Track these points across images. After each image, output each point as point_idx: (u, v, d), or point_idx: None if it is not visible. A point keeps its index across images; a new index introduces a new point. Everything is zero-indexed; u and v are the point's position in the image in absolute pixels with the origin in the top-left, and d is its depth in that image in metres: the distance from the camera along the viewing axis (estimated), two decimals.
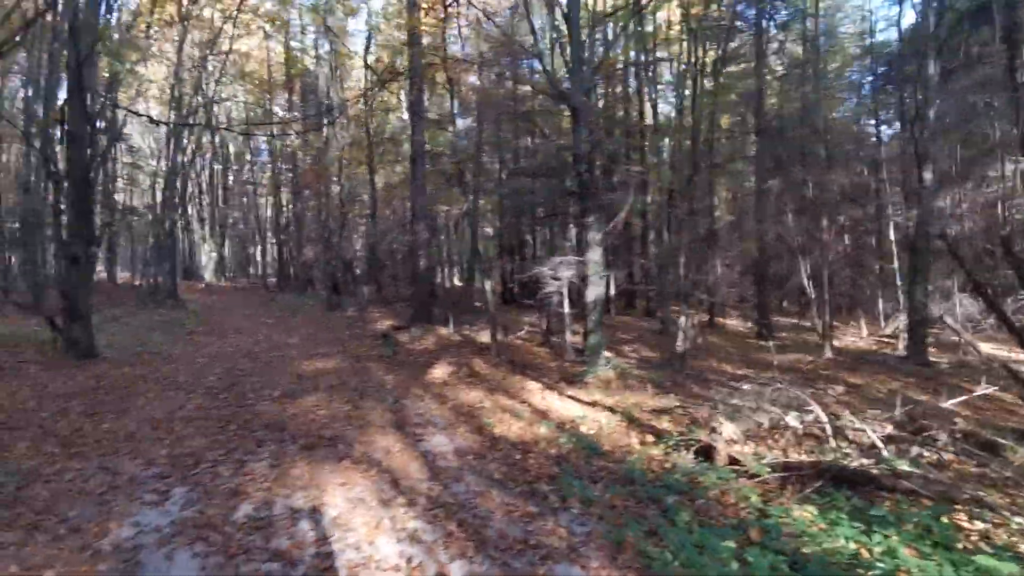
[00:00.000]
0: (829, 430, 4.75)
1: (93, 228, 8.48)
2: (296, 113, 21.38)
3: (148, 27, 16.61)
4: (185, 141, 15.54)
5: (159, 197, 14.69)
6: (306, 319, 14.80)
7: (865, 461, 4.10)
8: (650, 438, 5.59)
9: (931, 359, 11.92)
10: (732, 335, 16.83)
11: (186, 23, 15.42)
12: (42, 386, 6.96)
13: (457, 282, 22.06)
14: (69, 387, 6.96)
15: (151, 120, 6.84)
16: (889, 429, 5.73)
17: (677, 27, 16.25)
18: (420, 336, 10.48)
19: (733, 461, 4.64)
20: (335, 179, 17.71)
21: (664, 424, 6.21)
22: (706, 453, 4.82)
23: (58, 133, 7.87)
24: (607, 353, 9.55)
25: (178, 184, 15.74)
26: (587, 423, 6.10)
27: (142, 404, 6.31)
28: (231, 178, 29.09)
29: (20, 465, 4.25)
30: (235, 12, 15.97)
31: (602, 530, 3.37)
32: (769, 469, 4.13)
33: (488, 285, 10.16)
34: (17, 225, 12.13)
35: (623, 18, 13.48)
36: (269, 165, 25.54)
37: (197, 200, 27.97)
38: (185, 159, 15.50)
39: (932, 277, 12.47)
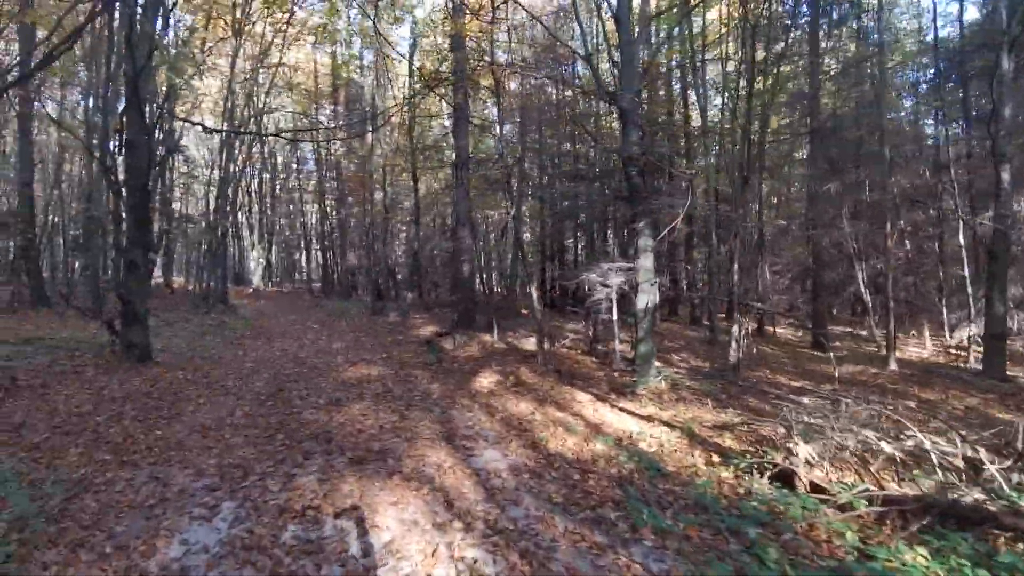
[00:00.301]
0: (935, 458, 4.22)
1: (151, 235, 8.65)
2: (341, 121, 21.75)
3: (203, 42, 17.19)
4: (236, 151, 15.94)
5: (212, 205, 15.08)
6: (350, 324, 14.88)
7: (979, 496, 3.59)
8: (716, 458, 5.17)
9: (1009, 373, 10.94)
10: (784, 344, 16.01)
11: (239, 38, 15.85)
12: (98, 390, 7.07)
13: (498, 288, 21.92)
14: (124, 391, 7.05)
15: (205, 128, 6.92)
16: (982, 453, 5.14)
17: (727, 26, 15.70)
18: (464, 343, 10.28)
19: (816, 489, 4.19)
20: (378, 186, 17.88)
21: (728, 442, 5.77)
22: (784, 478, 4.38)
23: (118, 143, 8.03)
24: (657, 363, 9.12)
25: (229, 192, 16.14)
26: (646, 439, 5.72)
27: (192, 410, 6.30)
28: (279, 187, 29.89)
29: (71, 474, 4.22)
30: (285, 26, 16.36)
31: (683, 569, 3.02)
32: (865, 502, 3.67)
33: (534, 292, 9.90)
34: (80, 232, 12.63)
35: (670, 20, 13.09)
36: (315, 174, 26.09)
37: (247, 208, 28.82)
38: (236, 168, 15.88)
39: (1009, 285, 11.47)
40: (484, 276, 19.53)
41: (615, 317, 9.52)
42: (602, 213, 8.52)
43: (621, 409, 7.17)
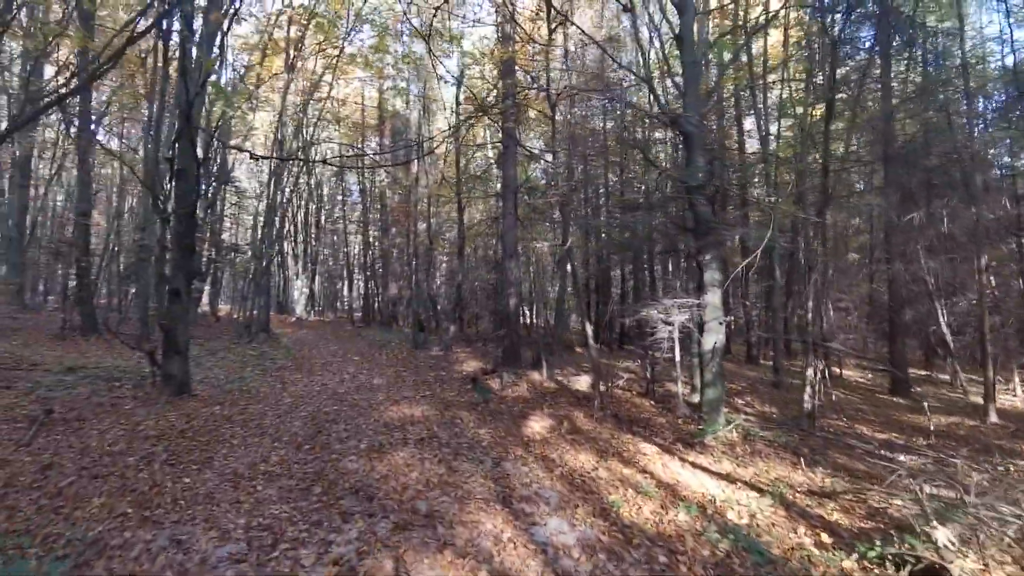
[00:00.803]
0: None
1: (195, 263, 8.46)
2: (387, 150, 21.96)
3: (258, 77, 17.70)
4: (284, 181, 16.08)
5: (259, 235, 15.16)
6: (391, 356, 14.45)
7: None
8: (826, 537, 4.30)
9: None
10: (856, 389, 14.68)
11: (291, 72, 16.20)
12: (134, 425, 6.73)
13: (544, 322, 21.25)
14: (159, 428, 6.68)
15: (252, 156, 6.70)
16: None
17: (785, 48, 15.04)
18: (512, 382, 9.62)
19: None
20: (422, 216, 17.75)
21: (834, 515, 4.86)
22: None
23: (169, 172, 7.93)
24: (725, 409, 8.22)
25: (276, 222, 16.26)
26: (733, 507, 4.89)
27: (225, 452, 5.84)
28: (324, 217, 30.46)
29: (87, 531, 3.74)
30: (335, 62, 16.70)
31: None
32: None
33: (588, 329, 9.20)
34: (132, 261, 12.80)
35: (727, 46, 12.52)
36: (359, 204, 26.39)
37: (292, 238, 29.33)
38: (283, 198, 15.99)
39: None
40: (531, 309, 18.97)
41: (678, 357, 8.70)
42: (669, 244, 7.84)
43: (693, 464, 6.33)
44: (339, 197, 29.16)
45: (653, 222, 8.65)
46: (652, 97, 8.53)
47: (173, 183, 8.12)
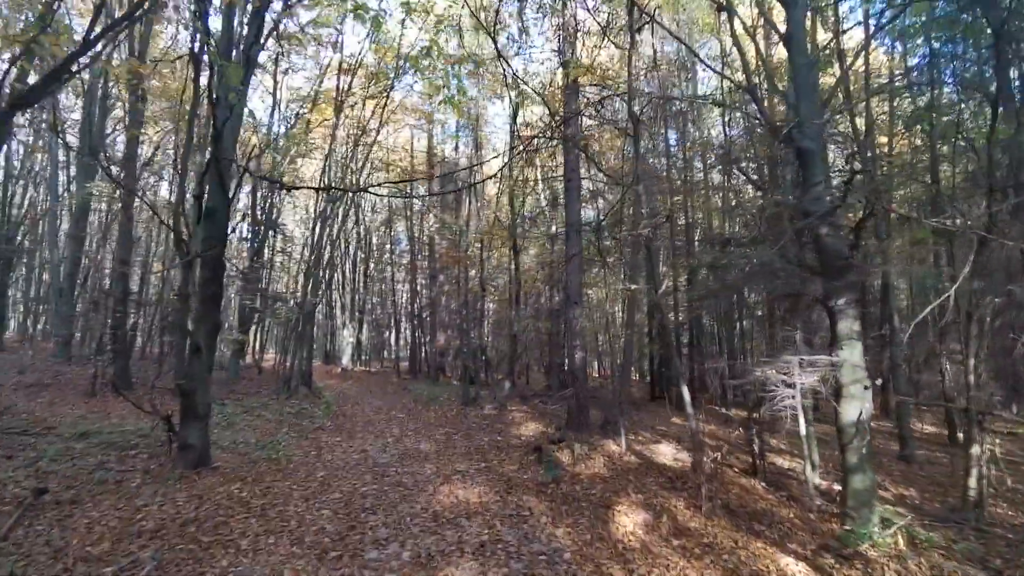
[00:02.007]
0: None
1: (219, 313, 7.40)
2: (437, 191, 21.28)
3: (308, 123, 17.46)
4: (329, 226, 15.38)
5: (303, 283, 14.37)
6: (440, 415, 12.99)
7: None
8: None
9: None
10: (1009, 461, 12.04)
11: (339, 116, 15.81)
12: (132, 512, 5.48)
13: (609, 377, 19.40)
14: (160, 516, 5.40)
15: (283, 186, 5.80)
16: None
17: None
18: (585, 454, 7.92)
19: None
20: (472, 263, 16.66)
21: None
22: None
23: (196, 212, 7.00)
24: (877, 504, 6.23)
25: (322, 272, 15.50)
26: None
27: (227, 563, 4.44)
28: (372, 266, 30.08)
29: None
30: (383, 108, 16.33)
31: None
32: None
33: (685, 392, 7.46)
34: (169, 311, 12.12)
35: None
36: (407, 252, 25.75)
37: (340, 287, 28.92)
38: (328, 241, 15.24)
39: None
40: (598, 363, 17.29)
41: (803, 430, 6.82)
42: (786, 287, 6.20)
43: None
44: (387, 246, 28.67)
45: (761, 260, 6.99)
46: (757, 106, 7.05)
47: (200, 222, 7.18)
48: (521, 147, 10.83)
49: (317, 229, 13.86)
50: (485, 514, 5.90)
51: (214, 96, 6.15)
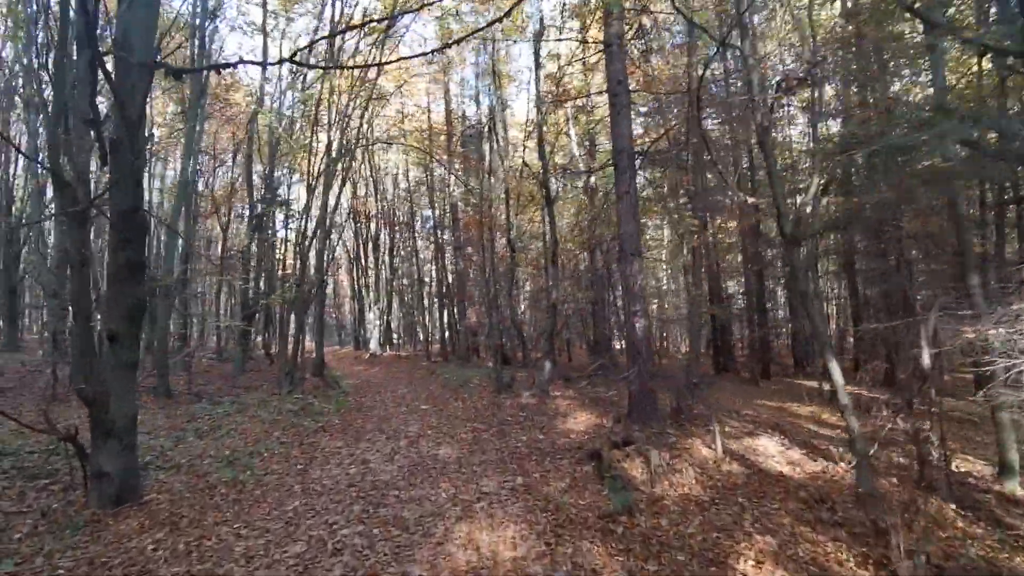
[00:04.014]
0: None
1: (143, 287, 5.27)
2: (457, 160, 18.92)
3: (304, 79, 15.27)
4: (332, 198, 13.21)
5: (307, 257, 12.32)
6: (469, 406, 10.80)
7: None
8: None
9: None
10: None
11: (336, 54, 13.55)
12: None
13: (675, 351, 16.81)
14: None
15: (212, 67, 3.65)
16: None
17: None
18: (667, 465, 5.50)
19: None
20: (500, 229, 14.30)
21: None
22: None
23: (98, 146, 4.83)
24: None
25: (328, 242, 13.44)
26: None
27: None
28: (399, 246, 28.17)
29: None
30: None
31: None
32: None
33: (836, 370, 4.92)
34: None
35: None
36: (431, 221, 23.57)
37: (363, 268, 27.18)
38: (332, 202, 13.06)
39: None
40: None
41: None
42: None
43: None
44: (417, 226, 26.50)
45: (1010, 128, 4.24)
46: None
47: (102, 165, 5.02)
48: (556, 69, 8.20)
49: (318, 189, 11.68)
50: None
51: None
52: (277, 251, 15.54)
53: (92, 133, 4.97)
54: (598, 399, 10.25)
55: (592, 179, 15.24)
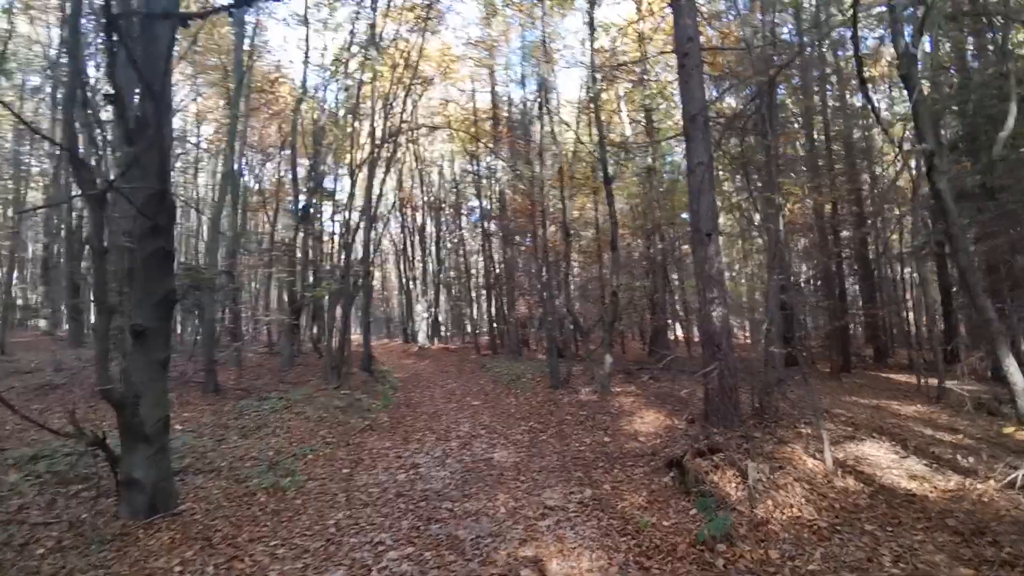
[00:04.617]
0: None
1: (172, 279, 4.83)
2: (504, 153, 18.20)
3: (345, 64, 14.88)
4: (376, 185, 12.76)
5: (353, 250, 11.94)
6: (523, 402, 10.13)
7: None
8: None
9: None
10: None
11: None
12: None
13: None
14: None
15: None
16: None
17: None
18: (769, 479, 4.60)
19: None
20: (552, 218, 13.48)
21: None
22: None
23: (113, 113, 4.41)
24: None
25: (371, 232, 13.02)
26: None
27: None
28: (445, 238, 27.85)
29: None
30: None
31: None
32: None
33: (1014, 369, 3.87)
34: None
35: None
36: (480, 217, 23.00)
37: (410, 261, 27.00)
38: (377, 191, 12.62)
39: None
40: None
41: None
42: None
43: None
44: (463, 217, 25.97)
45: None
46: None
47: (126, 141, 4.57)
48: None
49: (361, 174, 11.23)
50: None
51: None
52: (324, 244, 15.26)
53: (113, 109, 4.52)
54: (663, 396, 9.34)
55: (649, 159, 14.19)
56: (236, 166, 12.93)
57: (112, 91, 4.46)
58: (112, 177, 4.29)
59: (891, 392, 10.12)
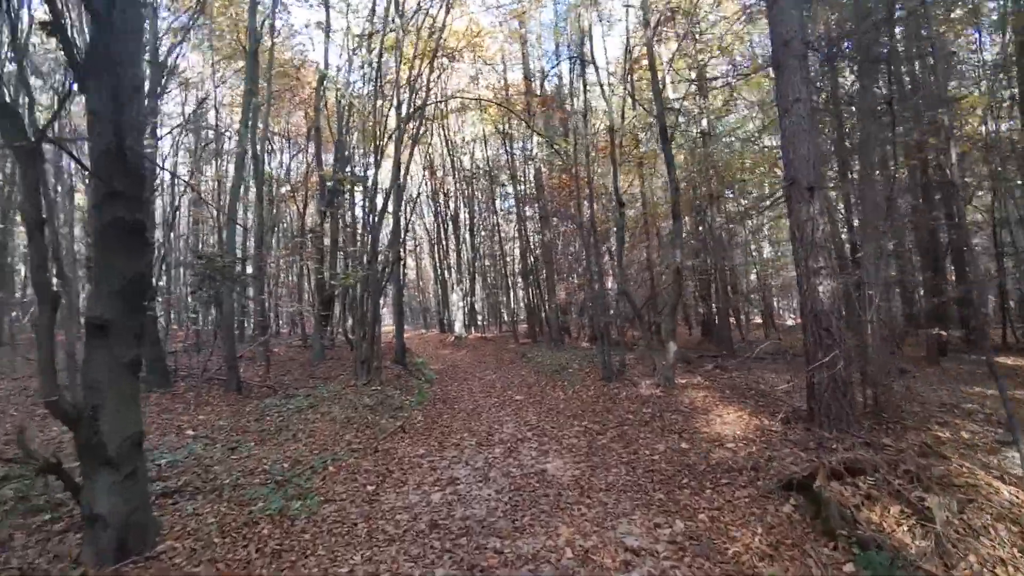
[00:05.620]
0: None
1: (144, 261, 3.80)
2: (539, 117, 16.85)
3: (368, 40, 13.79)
4: (404, 160, 11.66)
5: (379, 234, 10.93)
6: (572, 398, 8.91)
7: None
8: None
9: None
10: None
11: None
12: None
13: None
14: None
15: None
16: None
17: None
18: (963, 530, 3.25)
19: None
20: (597, 192, 12.10)
21: None
22: None
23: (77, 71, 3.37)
24: None
25: (399, 214, 11.96)
26: None
27: None
28: (480, 225, 26.80)
29: None
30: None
31: None
32: None
33: None
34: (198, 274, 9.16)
35: None
36: (515, 201, 21.72)
37: (444, 249, 26.11)
38: (403, 170, 11.54)
39: None
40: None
41: None
42: None
43: None
44: (497, 204, 24.76)
45: None
46: None
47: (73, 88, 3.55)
48: None
49: (388, 150, 10.16)
50: None
51: None
52: (353, 230, 14.34)
53: (54, 40, 3.50)
54: (739, 389, 7.95)
55: (704, 122, 12.60)
56: (257, 148, 12.04)
57: (50, 15, 3.42)
58: (43, 125, 3.23)
59: (1015, 379, 8.42)
